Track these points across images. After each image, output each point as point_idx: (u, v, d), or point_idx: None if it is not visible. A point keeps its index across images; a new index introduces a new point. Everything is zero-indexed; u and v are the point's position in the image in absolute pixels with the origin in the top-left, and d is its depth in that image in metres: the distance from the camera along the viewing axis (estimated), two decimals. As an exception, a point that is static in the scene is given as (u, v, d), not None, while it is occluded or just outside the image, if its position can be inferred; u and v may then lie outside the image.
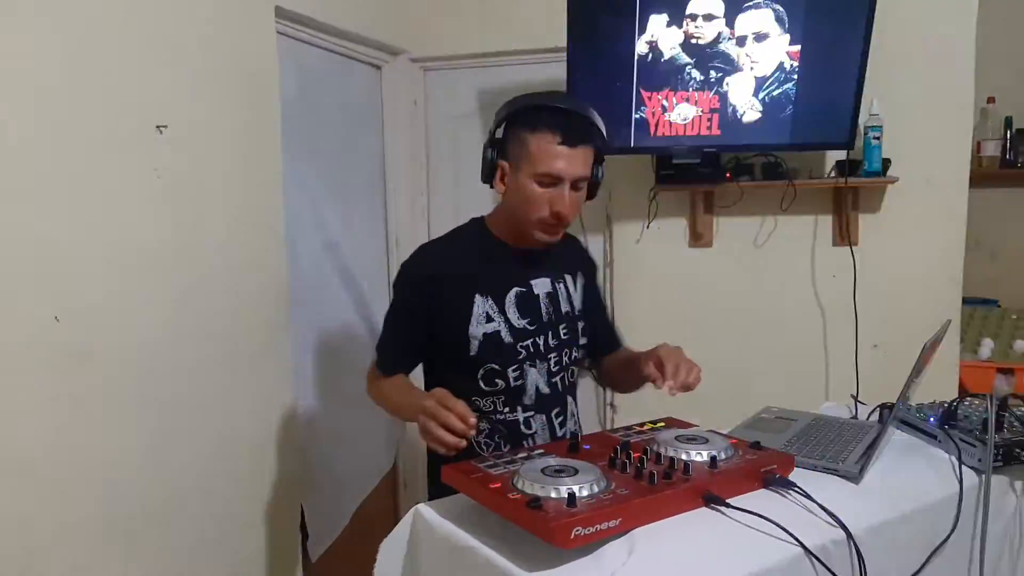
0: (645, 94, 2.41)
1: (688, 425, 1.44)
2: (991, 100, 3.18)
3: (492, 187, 1.57)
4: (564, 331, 1.63)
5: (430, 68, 2.98)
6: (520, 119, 1.50)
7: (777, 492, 1.22)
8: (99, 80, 1.57)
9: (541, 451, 1.29)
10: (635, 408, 2.77)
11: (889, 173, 2.51)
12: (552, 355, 1.61)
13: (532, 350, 1.58)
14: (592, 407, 2.90)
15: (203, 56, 1.86)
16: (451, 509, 1.23)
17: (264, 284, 2.08)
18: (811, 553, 1.08)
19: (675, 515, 1.14)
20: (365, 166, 2.81)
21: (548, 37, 2.56)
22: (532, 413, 1.59)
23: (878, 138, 2.46)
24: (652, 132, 2.44)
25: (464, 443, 1.29)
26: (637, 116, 2.42)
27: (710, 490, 1.17)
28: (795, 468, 1.30)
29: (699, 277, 2.77)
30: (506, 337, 1.55)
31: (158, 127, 1.71)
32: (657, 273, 2.80)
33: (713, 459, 1.24)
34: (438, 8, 2.88)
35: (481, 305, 1.54)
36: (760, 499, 1.19)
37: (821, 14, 2.33)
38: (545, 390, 1.61)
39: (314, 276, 2.43)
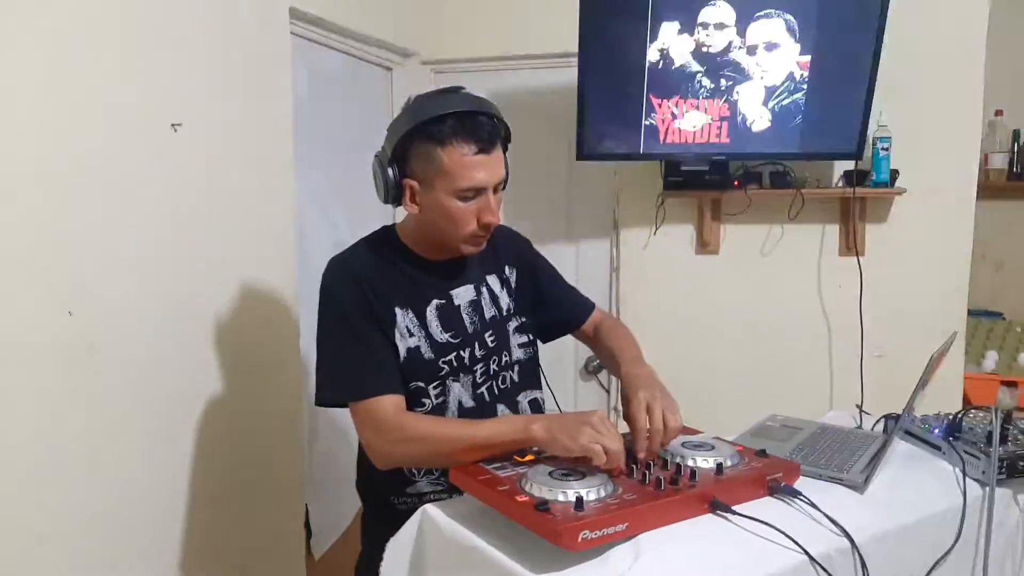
0: (655, 101, 2.42)
1: (694, 432, 1.44)
2: (999, 113, 3.18)
3: (396, 206, 1.44)
4: (491, 339, 1.50)
5: (440, 71, 2.99)
6: (421, 132, 1.34)
7: (782, 500, 1.23)
8: (115, 78, 1.58)
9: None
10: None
11: (897, 184, 2.52)
12: (478, 366, 1.48)
13: (456, 364, 1.46)
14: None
15: (218, 55, 1.87)
16: (458, 510, 1.23)
17: (273, 283, 2.09)
18: (815, 561, 1.08)
19: (681, 521, 1.15)
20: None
21: (560, 42, 2.57)
22: None
23: (887, 149, 2.47)
24: (661, 139, 2.45)
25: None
26: (647, 123, 2.43)
27: (716, 497, 1.18)
28: (800, 476, 1.31)
29: (705, 284, 2.77)
30: (427, 353, 1.43)
31: (173, 125, 1.72)
32: (663, 279, 2.81)
33: (719, 466, 1.24)
34: (450, 11, 2.90)
35: (402, 318, 1.42)
36: (765, 506, 1.19)
37: (832, 25, 2.34)
38: (469, 403, 1.47)
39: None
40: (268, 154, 2.07)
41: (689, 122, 2.43)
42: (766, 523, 1.12)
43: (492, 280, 1.55)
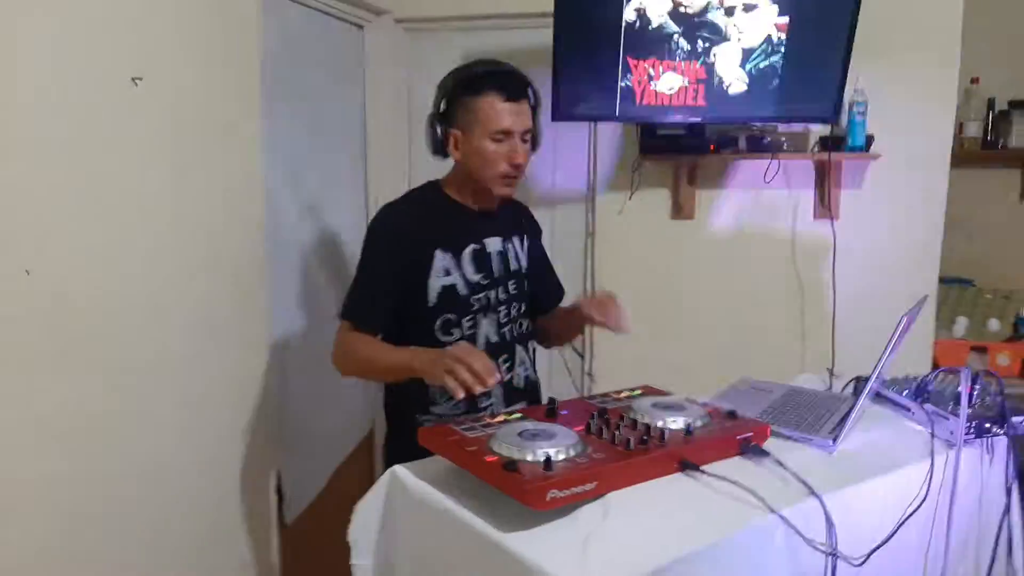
0: (632, 62, 2.38)
1: (665, 393, 1.44)
2: (975, 80, 3.18)
3: (444, 158, 1.70)
4: (513, 287, 1.76)
5: (413, 29, 2.93)
6: (462, 89, 1.64)
7: (752, 460, 1.24)
8: (72, 29, 1.52)
9: (519, 415, 1.29)
10: (612, 377, 2.79)
11: (872, 149, 2.52)
12: (502, 308, 1.73)
13: (485, 302, 1.70)
14: (569, 376, 2.91)
15: (183, 6, 1.81)
16: (427, 471, 1.23)
17: (241, 243, 2.05)
18: (784, 519, 1.09)
19: (650, 480, 1.15)
20: (346, 127, 2.77)
21: (535, 2, 2.52)
22: None
23: (862, 114, 2.46)
24: (637, 101, 2.42)
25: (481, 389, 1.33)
26: (623, 84, 2.40)
27: (685, 456, 1.18)
28: (770, 437, 1.31)
29: (680, 249, 2.77)
30: (462, 290, 1.67)
31: (133, 79, 1.66)
32: (639, 245, 2.80)
33: (689, 426, 1.25)
34: (424, -32, 2.83)
35: (441, 260, 1.65)
36: (735, 466, 1.20)
37: (810, -14, 2.32)
38: (495, 339, 1.72)
39: (292, 237, 2.40)
40: (235, 111, 2.01)
41: (665, 84, 2.40)
42: (735, 482, 1.12)
43: (516, 240, 1.81)
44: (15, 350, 1.43)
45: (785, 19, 2.33)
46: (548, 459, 1.07)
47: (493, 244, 1.74)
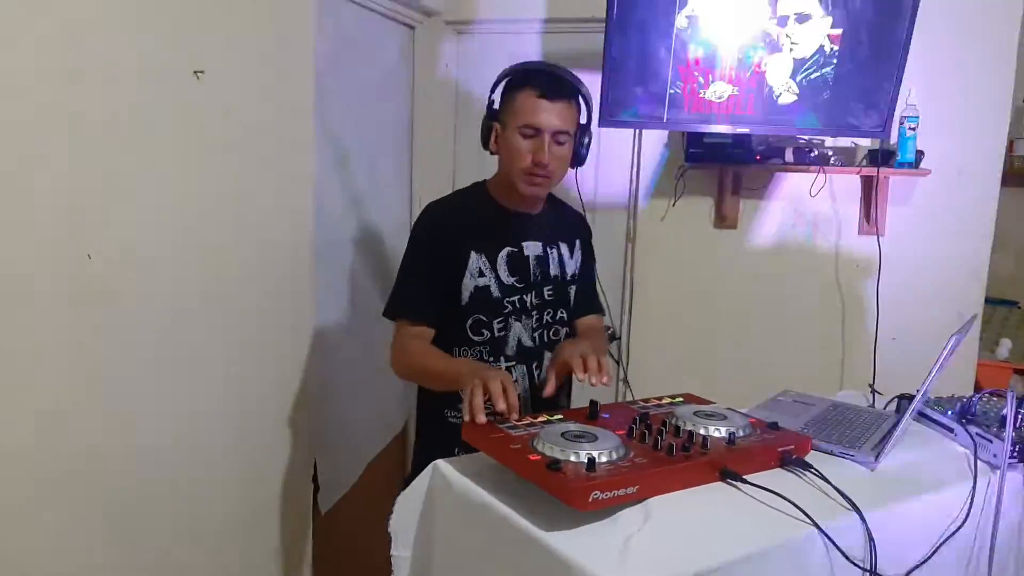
0: (682, 70, 2.38)
1: (707, 402, 1.45)
2: (1029, 98, 3.13)
3: (491, 153, 1.70)
4: (549, 292, 1.75)
5: (464, 31, 2.96)
6: (510, 83, 1.65)
7: (793, 472, 1.24)
8: (140, 25, 1.57)
9: (561, 417, 1.30)
10: (648, 384, 2.79)
11: (921, 165, 2.49)
12: (535, 312, 1.73)
13: (518, 306, 1.70)
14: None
15: (242, 4, 1.85)
16: (469, 467, 1.24)
17: (290, 238, 2.09)
18: (824, 533, 1.09)
19: (691, 487, 1.15)
20: (394, 126, 2.80)
21: (586, 6, 2.54)
22: (513, 363, 1.71)
23: (913, 129, 2.43)
24: (686, 108, 2.42)
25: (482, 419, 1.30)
26: (672, 91, 2.40)
27: (727, 465, 1.18)
28: (811, 450, 1.31)
29: (721, 258, 2.76)
30: (495, 292, 1.68)
31: (195, 72, 1.71)
32: (679, 252, 2.80)
33: (731, 435, 1.25)
34: (476, -30, 2.86)
35: (475, 261, 1.66)
36: (776, 477, 1.20)
37: (865, -1, 2.30)
38: (528, 343, 1.72)
39: (338, 233, 2.44)
40: (289, 107, 2.06)
41: (714, 92, 2.40)
42: (776, 493, 1.12)
43: (563, 247, 1.79)
44: (70, 328, 1.48)
45: (839, 31, 2.31)
46: (591, 460, 1.09)
47: (532, 248, 1.73)
